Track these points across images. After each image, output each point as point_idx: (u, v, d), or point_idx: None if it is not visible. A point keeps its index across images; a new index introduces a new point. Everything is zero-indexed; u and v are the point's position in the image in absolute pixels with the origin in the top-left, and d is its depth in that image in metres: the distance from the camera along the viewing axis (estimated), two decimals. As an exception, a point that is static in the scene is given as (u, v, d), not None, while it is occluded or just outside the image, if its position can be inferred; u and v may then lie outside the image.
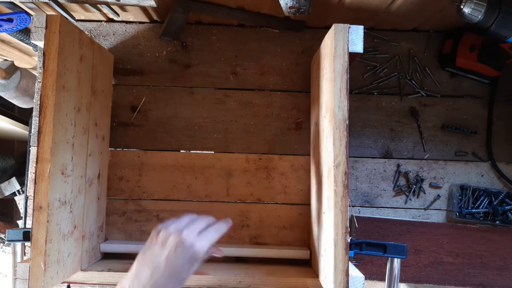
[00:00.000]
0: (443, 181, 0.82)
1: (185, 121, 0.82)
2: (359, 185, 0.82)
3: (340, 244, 0.54)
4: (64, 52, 0.60)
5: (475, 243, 0.79)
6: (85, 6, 0.75)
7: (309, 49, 0.83)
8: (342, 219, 0.54)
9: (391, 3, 0.70)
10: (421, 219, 0.81)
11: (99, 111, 0.74)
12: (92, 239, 0.73)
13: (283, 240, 0.80)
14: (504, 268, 0.78)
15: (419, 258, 0.78)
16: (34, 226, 0.57)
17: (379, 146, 0.82)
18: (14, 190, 1.58)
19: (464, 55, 0.78)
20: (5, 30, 0.74)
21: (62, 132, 0.61)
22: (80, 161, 0.67)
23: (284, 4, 0.66)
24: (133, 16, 0.81)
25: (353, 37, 0.58)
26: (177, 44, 0.83)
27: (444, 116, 0.83)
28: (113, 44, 0.83)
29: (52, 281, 0.59)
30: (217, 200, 0.80)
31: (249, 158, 0.81)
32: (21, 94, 1.17)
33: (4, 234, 1.71)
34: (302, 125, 0.82)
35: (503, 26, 0.60)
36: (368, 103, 0.83)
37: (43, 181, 0.57)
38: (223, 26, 0.83)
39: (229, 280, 0.67)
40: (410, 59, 0.83)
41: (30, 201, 0.79)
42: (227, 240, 0.80)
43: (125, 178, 0.81)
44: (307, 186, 0.80)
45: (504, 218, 0.79)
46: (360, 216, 0.80)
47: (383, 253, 0.57)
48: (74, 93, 0.64)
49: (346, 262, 0.55)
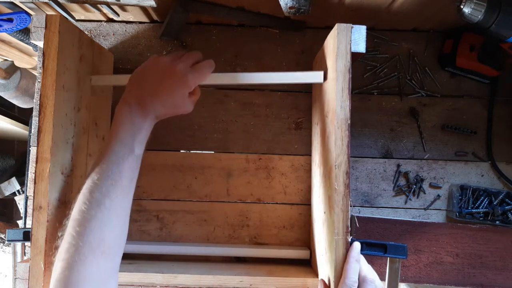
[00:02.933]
0: (443, 181, 0.82)
1: (185, 121, 0.82)
2: (359, 185, 0.82)
3: (340, 244, 0.54)
4: (64, 52, 0.60)
5: (475, 243, 0.79)
6: (85, 6, 0.75)
7: (309, 49, 0.83)
8: (343, 218, 0.54)
9: (391, 3, 0.70)
10: (421, 219, 0.81)
11: (99, 111, 0.74)
12: (92, 239, 0.73)
13: (283, 240, 0.80)
14: (504, 268, 0.78)
15: (419, 258, 0.78)
16: (34, 226, 0.57)
17: (379, 146, 0.82)
18: (14, 190, 1.58)
19: (464, 55, 0.78)
20: (5, 30, 0.74)
21: (62, 132, 0.61)
22: (80, 161, 0.67)
23: (284, 4, 0.66)
24: (133, 16, 0.81)
25: (356, 37, 0.58)
26: (177, 44, 0.83)
27: (444, 116, 0.83)
28: (113, 44, 0.83)
29: (52, 281, 0.59)
30: (217, 200, 0.80)
31: (249, 158, 0.81)
32: (21, 94, 1.16)
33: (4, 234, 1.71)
34: (302, 125, 0.82)
35: (503, 26, 0.60)
36: (368, 103, 0.83)
37: (43, 181, 0.57)
38: (223, 26, 0.83)
39: (229, 280, 0.66)
40: (410, 59, 0.83)
41: (30, 201, 0.79)
42: (227, 240, 0.80)
43: (125, 178, 0.81)
44: (307, 186, 0.80)
45: (504, 218, 0.79)
46: (360, 216, 0.80)
47: (383, 253, 0.57)
48: (74, 93, 0.64)
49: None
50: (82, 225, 0.47)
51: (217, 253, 0.76)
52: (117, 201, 0.50)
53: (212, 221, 0.80)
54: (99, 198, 0.48)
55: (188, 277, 0.66)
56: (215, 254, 0.77)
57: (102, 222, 0.48)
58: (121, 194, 0.51)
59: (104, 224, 0.48)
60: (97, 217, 0.47)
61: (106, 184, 0.49)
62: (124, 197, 0.52)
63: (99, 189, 0.49)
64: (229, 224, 0.80)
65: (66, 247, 0.46)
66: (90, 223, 0.47)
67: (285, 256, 0.76)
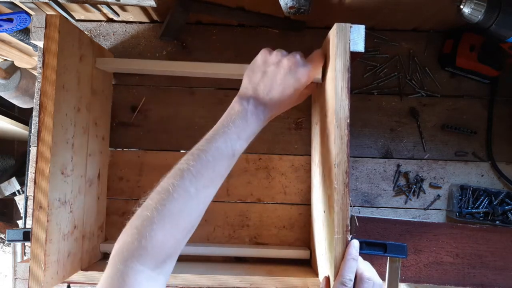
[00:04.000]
0: (443, 181, 0.82)
1: (185, 121, 0.82)
2: (359, 185, 0.82)
3: (340, 243, 0.54)
4: (64, 52, 0.60)
5: (475, 243, 0.79)
6: (85, 6, 0.75)
7: (309, 49, 0.82)
8: (343, 217, 0.54)
9: (392, 3, 0.70)
10: (421, 219, 0.81)
11: (99, 111, 0.74)
12: (92, 239, 0.73)
13: (283, 240, 0.80)
14: (504, 268, 0.78)
15: (419, 258, 0.78)
16: (34, 226, 0.57)
17: (379, 146, 0.82)
18: (14, 190, 1.58)
19: (464, 55, 0.78)
20: (5, 30, 0.74)
21: (62, 132, 0.61)
22: (80, 161, 0.67)
23: (284, 4, 0.66)
24: (133, 16, 0.81)
25: (355, 36, 0.58)
26: (177, 44, 0.83)
27: (444, 116, 0.83)
28: (113, 44, 0.83)
29: (52, 281, 0.59)
30: (217, 200, 0.80)
31: (249, 158, 0.81)
32: (21, 94, 1.16)
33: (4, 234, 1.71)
34: (302, 125, 0.82)
35: (503, 26, 0.60)
36: (368, 103, 0.83)
37: (43, 181, 0.57)
38: (223, 26, 0.83)
39: (229, 280, 0.66)
40: (410, 59, 0.83)
41: (30, 201, 0.79)
42: (227, 240, 0.80)
43: (125, 178, 0.81)
44: (307, 186, 0.80)
45: (504, 218, 0.79)
46: (360, 216, 0.80)
47: (383, 252, 0.57)
48: (74, 93, 0.64)
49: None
50: (163, 204, 0.47)
51: (217, 253, 0.76)
52: (202, 191, 0.51)
53: (212, 221, 0.80)
54: (187, 184, 0.49)
55: (188, 277, 0.66)
56: (215, 254, 0.77)
57: (181, 207, 0.48)
58: (208, 186, 0.51)
59: (181, 210, 0.48)
60: (178, 201, 0.48)
61: (199, 173, 0.50)
62: (211, 190, 0.52)
63: (190, 176, 0.50)
64: (229, 224, 0.80)
65: (143, 218, 0.47)
66: (171, 204, 0.48)
67: (285, 256, 0.76)
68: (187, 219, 0.49)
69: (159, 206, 0.47)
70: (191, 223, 0.50)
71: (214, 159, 0.52)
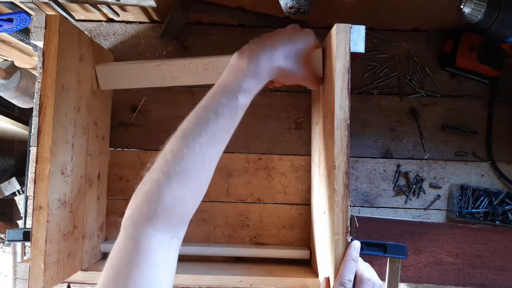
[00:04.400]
0: (443, 181, 0.82)
1: (185, 121, 0.81)
2: (359, 185, 0.82)
3: (340, 244, 0.54)
4: (64, 52, 0.60)
5: (475, 243, 0.79)
6: (85, 6, 0.75)
7: (309, 49, 0.82)
8: (343, 218, 0.54)
9: (391, 3, 0.70)
10: (421, 219, 0.81)
11: (99, 111, 0.74)
12: (92, 239, 0.73)
13: (283, 240, 0.80)
14: (504, 268, 0.78)
15: (419, 258, 0.78)
16: (34, 226, 0.57)
17: (379, 146, 0.82)
18: (14, 190, 1.58)
19: (464, 55, 0.78)
20: (5, 30, 0.74)
21: (62, 132, 0.61)
22: (80, 161, 0.67)
23: (284, 4, 0.66)
24: (133, 16, 0.81)
25: (355, 37, 0.58)
26: (177, 44, 0.83)
27: (444, 116, 0.83)
28: (113, 44, 0.83)
29: (52, 281, 0.59)
30: (217, 200, 0.80)
31: (249, 158, 0.81)
32: (21, 94, 1.16)
33: (4, 234, 1.71)
34: (302, 125, 0.82)
35: (503, 26, 0.60)
36: (368, 103, 0.83)
37: (43, 181, 0.57)
38: (223, 26, 0.83)
39: (229, 280, 0.66)
40: (410, 59, 0.83)
41: (30, 201, 0.79)
42: (227, 240, 0.80)
43: (125, 178, 0.81)
44: (307, 186, 0.80)
45: (504, 218, 0.79)
46: (360, 216, 0.80)
47: (383, 253, 0.57)
48: (74, 93, 0.64)
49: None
50: (169, 165, 0.47)
51: (217, 253, 0.76)
52: (207, 148, 0.49)
53: (212, 221, 0.80)
54: (190, 142, 0.48)
55: (188, 277, 0.66)
56: (215, 254, 0.77)
57: (187, 166, 0.47)
58: (213, 143, 0.50)
59: (188, 168, 0.47)
60: (184, 160, 0.47)
61: (202, 130, 0.49)
62: (216, 146, 0.51)
63: (192, 133, 0.48)
64: (229, 224, 0.80)
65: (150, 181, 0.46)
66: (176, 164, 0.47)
67: (285, 256, 0.76)
68: (195, 178, 0.48)
69: (165, 167, 0.46)
70: (199, 182, 0.49)
71: (216, 114, 0.50)
